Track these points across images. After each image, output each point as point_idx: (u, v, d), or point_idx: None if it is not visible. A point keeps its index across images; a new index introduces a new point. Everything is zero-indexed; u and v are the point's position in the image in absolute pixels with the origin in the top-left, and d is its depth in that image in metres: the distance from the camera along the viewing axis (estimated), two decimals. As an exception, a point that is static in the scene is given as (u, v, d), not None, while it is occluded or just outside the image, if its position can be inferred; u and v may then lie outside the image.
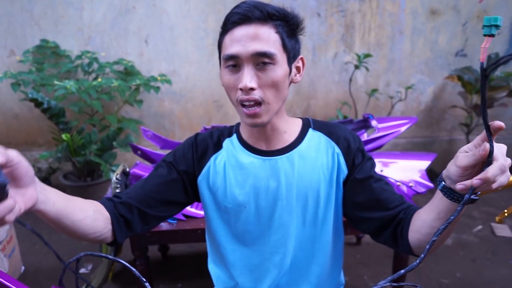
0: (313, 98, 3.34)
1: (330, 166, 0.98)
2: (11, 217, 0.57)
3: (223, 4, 3.05)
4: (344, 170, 0.98)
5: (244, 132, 1.02)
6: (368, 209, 0.95)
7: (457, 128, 3.40)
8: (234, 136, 1.03)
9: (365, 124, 2.10)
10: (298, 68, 0.94)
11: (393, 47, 3.24)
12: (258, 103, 0.86)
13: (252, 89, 0.84)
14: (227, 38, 0.87)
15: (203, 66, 3.21)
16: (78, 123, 2.97)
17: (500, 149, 0.63)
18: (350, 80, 3.12)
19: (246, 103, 0.86)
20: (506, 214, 0.92)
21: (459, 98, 3.26)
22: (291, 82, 0.94)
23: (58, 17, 3.06)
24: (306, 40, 3.19)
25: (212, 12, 3.07)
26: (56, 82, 2.55)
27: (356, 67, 2.99)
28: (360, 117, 2.66)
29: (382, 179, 0.98)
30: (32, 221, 2.83)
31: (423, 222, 0.81)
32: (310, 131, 1.02)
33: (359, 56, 2.95)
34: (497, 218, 0.94)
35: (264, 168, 0.98)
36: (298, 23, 0.91)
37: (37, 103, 2.62)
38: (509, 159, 0.63)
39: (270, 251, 1.02)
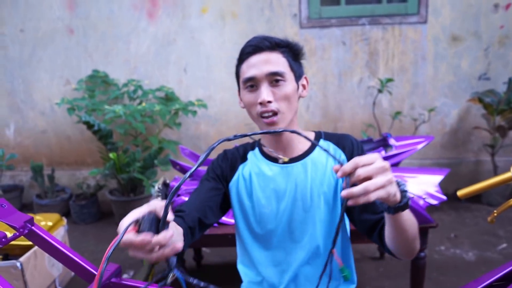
0: (340, 120, 3.52)
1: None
2: (178, 244, 0.70)
3: (254, 35, 3.32)
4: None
5: (265, 144, 1.22)
6: (359, 211, 1.11)
7: (483, 149, 3.46)
8: (257, 149, 1.24)
9: (384, 142, 2.26)
10: (303, 86, 1.17)
11: (416, 72, 3.40)
12: (275, 113, 1.06)
13: (269, 102, 1.05)
14: (244, 66, 1.10)
15: (236, 92, 3.45)
16: (123, 143, 3.28)
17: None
18: (374, 103, 3.28)
19: (265, 115, 1.07)
20: (495, 214, 1.07)
21: (484, 120, 3.34)
22: (300, 97, 1.15)
23: (108, 50, 3.44)
24: (332, 66, 3.41)
25: (245, 42, 3.35)
26: (106, 107, 2.88)
27: (379, 91, 3.16)
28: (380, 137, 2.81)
29: None
30: (80, 233, 3.13)
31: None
32: (321, 141, 1.21)
33: (381, 81, 3.13)
34: (489, 219, 1.09)
35: (282, 175, 1.17)
36: (299, 49, 1.14)
37: (89, 125, 2.95)
38: (369, 158, 0.75)
39: (291, 246, 1.20)
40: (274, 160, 1.18)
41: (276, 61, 1.07)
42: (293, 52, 1.12)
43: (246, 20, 3.34)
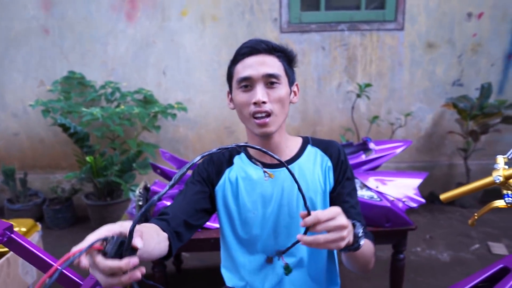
0: (318, 124, 3.55)
1: (323, 178, 1.18)
2: (120, 279, 0.67)
3: (235, 39, 3.33)
4: (331, 183, 1.18)
5: (251, 149, 1.22)
6: None
7: (456, 153, 3.57)
8: (243, 153, 1.23)
9: (364, 146, 2.30)
10: (295, 92, 1.17)
11: (393, 77, 3.48)
12: (268, 114, 1.06)
13: (264, 102, 1.05)
14: (239, 66, 1.09)
15: (216, 95, 3.46)
16: (100, 147, 3.21)
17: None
18: (352, 107, 3.33)
19: (258, 115, 1.06)
20: (476, 217, 1.10)
21: (457, 124, 3.44)
22: (290, 102, 1.15)
23: (85, 51, 3.37)
24: (311, 71, 3.45)
25: (225, 46, 3.35)
26: (83, 109, 2.82)
27: (358, 96, 3.21)
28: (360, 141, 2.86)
29: (350, 200, 1.17)
30: (54, 238, 3.03)
31: None
32: (309, 147, 1.22)
33: (360, 86, 3.18)
34: (470, 222, 1.12)
35: (270, 179, 1.17)
36: (294, 56, 1.15)
37: (65, 128, 2.87)
38: (327, 214, 0.83)
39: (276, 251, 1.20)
40: (261, 164, 1.18)
41: (272, 64, 1.08)
42: (287, 58, 1.13)
43: (227, 24, 3.33)
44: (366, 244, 1.02)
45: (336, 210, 0.84)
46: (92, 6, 3.28)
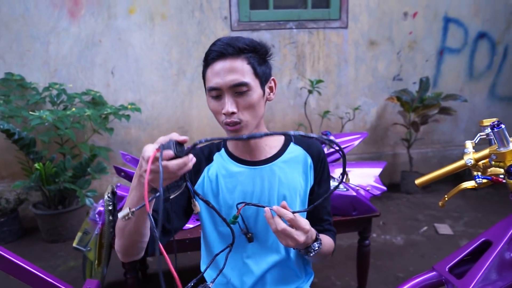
0: (271, 121, 3.63)
1: (304, 177, 1.22)
2: (182, 171, 0.80)
3: (185, 38, 3.29)
4: (312, 181, 1.23)
5: (230, 146, 1.22)
6: (310, 217, 1.22)
7: (399, 143, 3.83)
8: (223, 150, 1.23)
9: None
10: (271, 88, 1.15)
11: (340, 73, 3.64)
12: (238, 123, 1.05)
13: (233, 113, 1.03)
14: (209, 72, 1.05)
15: (167, 95, 3.40)
16: (48, 152, 3.02)
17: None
18: (305, 103, 3.45)
19: (230, 124, 1.05)
20: (446, 199, 1.20)
21: (399, 116, 3.69)
22: (267, 100, 1.14)
23: (23, 51, 3.14)
24: (263, 68, 3.50)
25: (176, 44, 3.30)
26: (30, 113, 2.64)
27: (310, 92, 3.33)
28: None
29: (323, 201, 1.18)
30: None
31: None
32: (292, 144, 1.24)
33: (312, 82, 3.30)
34: (440, 203, 1.22)
35: (251, 176, 1.17)
36: (266, 51, 1.11)
37: (9, 134, 2.67)
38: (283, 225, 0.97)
39: (257, 248, 1.21)
40: (242, 161, 1.19)
41: (241, 70, 1.02)
42: (259, 56, 1.07)
43: (177, 22, 3.28)
44: (327, 245, 1.15)
45: (305, 227, 0.98)
46: (30, 3, 3.07)
